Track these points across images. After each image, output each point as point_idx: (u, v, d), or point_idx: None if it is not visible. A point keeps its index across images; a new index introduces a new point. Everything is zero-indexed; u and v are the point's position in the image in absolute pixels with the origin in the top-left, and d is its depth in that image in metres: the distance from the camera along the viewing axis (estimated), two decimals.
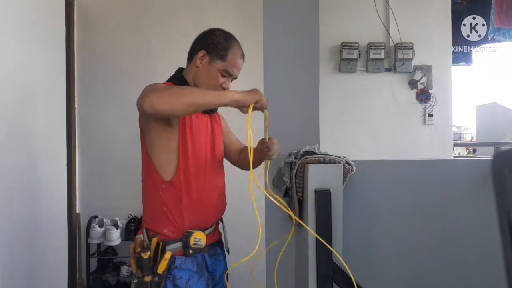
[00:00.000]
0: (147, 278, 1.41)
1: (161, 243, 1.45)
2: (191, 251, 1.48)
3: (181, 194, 1.48)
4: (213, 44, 1.54)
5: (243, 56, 1.60)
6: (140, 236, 1.50)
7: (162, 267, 1.41)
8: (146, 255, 1.40)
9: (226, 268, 1.70)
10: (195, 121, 1.53)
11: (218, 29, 1.60)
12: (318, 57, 1.90)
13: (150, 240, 1.47)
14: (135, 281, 1.44)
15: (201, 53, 1.55)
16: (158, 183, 1.49)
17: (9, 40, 2.30)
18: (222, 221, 1.74)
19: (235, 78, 1.60)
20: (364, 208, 1.73)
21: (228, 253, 1.72)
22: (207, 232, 1.56)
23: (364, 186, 1.72)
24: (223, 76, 1.54)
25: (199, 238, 1.49)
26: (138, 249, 1.43)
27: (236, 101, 1.35)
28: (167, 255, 1.43)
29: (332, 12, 3.38)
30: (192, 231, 1.49)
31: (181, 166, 1.48)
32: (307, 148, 1.69)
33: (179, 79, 1.58)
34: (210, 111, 1.63)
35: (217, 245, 1.68)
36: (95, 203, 3.38)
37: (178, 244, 1.49)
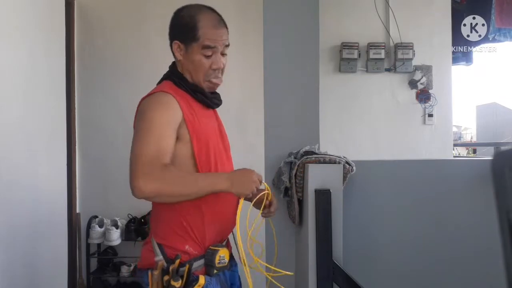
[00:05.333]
0: None
1: (187, 265, 1.28)
2: (215, 271, 1.34)
3: (201, 206, 1.33)
4: (181, 29, 1.40)
5: (219, 23, 1.41)
6: (160, 258, 1.31)
7: None
8: (178, 283, 1.23)
9: (240, 280, 1.56)
10: (204, 127, 1.40)
11: (181, 9, 1.44)
12: (318, 57, 1.90)
13: (168, 260, 1.30)
14: None
15: (175, 45, 1.41)
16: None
17: (9, 40, 2.30)
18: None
19: (227, 46, 1.43)
20: (364, 208, 1.73)
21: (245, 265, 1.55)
22: (224, 244, 1.46)
23: (364, 186, 1.72)
24: (207, 56, 1.37)
25: (223, 256, 1.36)
26: (167, 277, 1.24)
27: (230, 192, 1.26)
28: (201, 280, 1.27)
29: (332, 12, 3.38)
30: (216, 248, 1.35)
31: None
32: (307, 148, 1.69)
33: (177, 76, 1.43)
34: (215, 105, 1.50)
35: (231, 257, 1.53)
36: (95, 203, 3.37)
37: (201, 262, 1.35)
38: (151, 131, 1.25)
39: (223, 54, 1.42)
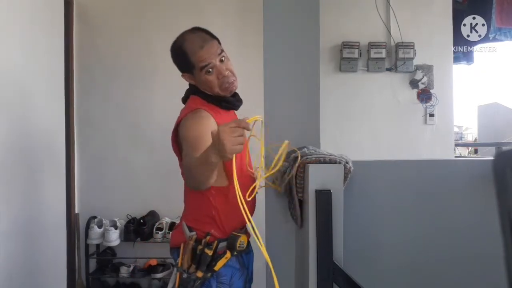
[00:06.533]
0: (199, 274, 1.48)
1: (215, 242, 1.53)
2: (235, 252, 1.57)
3: (230, 198, 1.54)
4: (179, 63, 1.60)
5: (203, 40, 1.55)
6: (194, 233, 1.55)
7: (220, 264, 1.51)
8: (210, 251, 1.49)
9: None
10: None
11: (172, 45, 1.61)
12: (319, 56, 1.88)
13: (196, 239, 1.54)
14: (184, 276, 1.49)
15: (184, 76, 1.62)
16: (207, 188, 1.51)
17: (8, 40, 2.29)
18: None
19: (221, 56, 1.56)
20: (364, 208, 1.72)
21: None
22: (243, 231, 1.65)
23: (365, 186, 1.71)
24: (209, 73, 1.54)
25: (243, 241, 1.58)
26: (200, 247, 1.50)
27: (223, 160, 1.28)
28: (228, 254, 1.54)
29: (332, 12, 3.37)
30: (238, 234, 1.57)
31: (228, 174, 1.54)
32: (304, 149, 1.68)
33: (202, 93, 1.62)
34: (237, 106, 1.68)
35: (248, 243, 1.75)
36: (94, 204, 3.37)
37: (223, 244, 1.57)
38: (194, 144, 1.43)
39: (221, 61, 1.56)
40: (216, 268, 1.50)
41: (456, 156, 4.11)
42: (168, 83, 3.29)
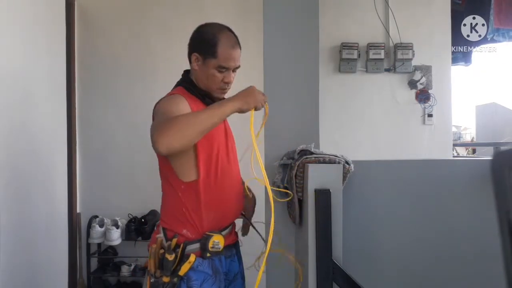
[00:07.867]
0: (166, 279, 1.42)
1: (182, 245, 1.46)
2: (208, 254, 1.49)
3: (200, 194, 1.49)
4: (202, 44, 1.54)
5: (236, 44, 1.56)
6: (160, 236, 1.51)
7: (184, 269, 1.43)
8: (171, 257, 1.42)
9: (240, 269, 1.70)
10: None
11: (204, 25, 1.58)
12: (318, 57, 1.90)
13: (167, 240, 1.48)
14: (152, 280, 1.45)
15: (194, 56, 1.56)
16: (177, 184, 1.51)
17: (10, 41, 2.30)
18: (244, 215, 1.76)
19: (237, 67, 1.58)
20: (363, 207, 1.73)
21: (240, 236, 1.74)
22: (224, 232, 1.56)
23: (364, 186, 1.72)
24: (220, 72, 1.53)
25: (217, 241, 1.49)
26: (162, 251, 1.44)
27: (239, 109, 1.39)
28: (192, 258, 1.45)
29: (332, 12, 3.39)
30: (211, 234, 1.49)
31: (199, 168, 1.49)
32: (302, 146, 1.70)
33: (188, 82, 1.60)
34: None
35: (233, 247, 1.68)
36: (96, 203, 3.38)
37: (196, 245, 1.49)
38: (165, 113, 1.41)
39: (233, 71, 1.57)
40: (181, 273, 1.43)
41: (454, 156, 4.12)
42: (168, 83, 3.27)
